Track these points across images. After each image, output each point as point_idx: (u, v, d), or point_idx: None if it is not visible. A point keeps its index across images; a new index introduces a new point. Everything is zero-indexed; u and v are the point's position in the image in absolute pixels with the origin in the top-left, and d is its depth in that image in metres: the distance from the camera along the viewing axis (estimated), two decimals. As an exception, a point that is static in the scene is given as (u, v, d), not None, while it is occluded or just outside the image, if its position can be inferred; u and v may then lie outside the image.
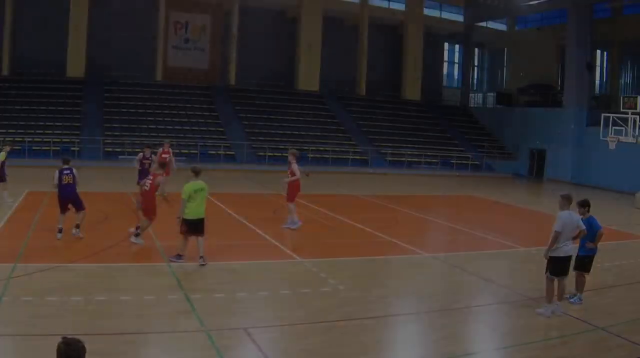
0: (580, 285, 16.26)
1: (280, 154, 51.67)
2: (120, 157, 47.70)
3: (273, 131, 57.25)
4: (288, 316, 14.10)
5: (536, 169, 63.00)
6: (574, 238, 15.47)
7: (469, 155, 62.28)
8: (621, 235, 28.08)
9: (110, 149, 48.87)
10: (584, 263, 16.27)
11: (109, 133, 50.48)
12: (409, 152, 58.98)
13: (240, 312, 14.26)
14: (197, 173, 19.10)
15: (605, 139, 41.03)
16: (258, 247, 21.46)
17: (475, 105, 79.83)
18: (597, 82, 70.82)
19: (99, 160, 46.11)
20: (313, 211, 29.97)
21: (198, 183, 18.91)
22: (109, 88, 56.58)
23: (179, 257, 18.25)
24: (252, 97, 61.31)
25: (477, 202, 39.41)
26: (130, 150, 47.90)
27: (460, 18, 75.64)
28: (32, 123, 49.58)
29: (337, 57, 68.36)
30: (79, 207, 20.67)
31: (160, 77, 59.52)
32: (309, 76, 65.04)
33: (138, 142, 48.10)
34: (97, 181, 35.67)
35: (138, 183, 25.78)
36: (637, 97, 41.70)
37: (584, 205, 16.05)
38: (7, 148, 29.24)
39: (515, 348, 13.07)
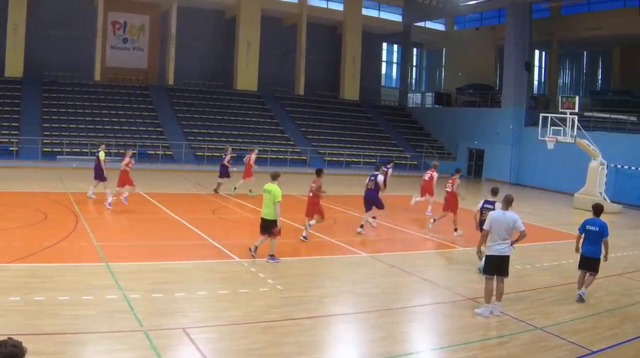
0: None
1: (218, 154, 51.65)
2: (58, 157, 47.26)
3: (212, 131, 57.17)
4: (227, 316, 14.10)
5: (475, 169, 63.49)
6: (516, 240, 15.68)
7: (408, 155, 62.67)
8: (560, 235, 28.45)
9: (49, 149, 48.31)
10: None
11: (48, 133, 49.92)
12: (347, 152, 59.22)
13: (178, 311, 14.22)
14: (272, 177, 20.77)
15: (544, 138, 41.26)
16: (197, 247, 21.42)
17: (414, 105, 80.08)
18: (536, 82, 71.84)
19: (37, 160, 45.58)
20: (252, 211, 29.98)
21: (265, 185, 20.57)
22: (47, 88, 56.01)
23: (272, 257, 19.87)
24: (191, 97, 61.23)
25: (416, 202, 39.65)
26: (68, 150, 47.64)
27: (398, 18, 75.97)
28: (-30, 123, 48.89)
29: (276, 56, 68.72)
30: None
31: (99, 77, 59.02)
32: (247, 76, 64.92)
33: (76, 142, 47.86)
34: (35, 181, 35.44)
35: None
36: (575, 97, 42.03)
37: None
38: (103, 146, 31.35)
39: (454, 349, 13.18)
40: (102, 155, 30.53)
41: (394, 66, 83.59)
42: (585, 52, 68.74)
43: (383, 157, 58.66)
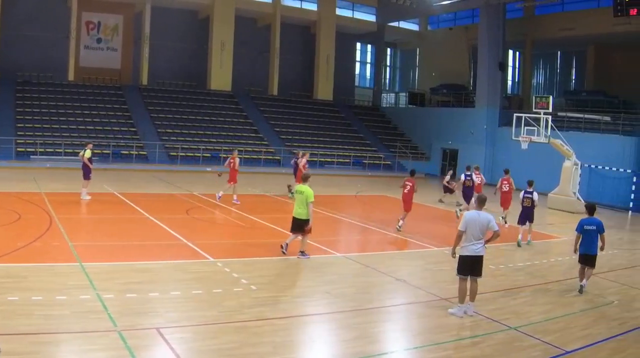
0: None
1: (192, 154, 51.66)
2: (32, 157, 47.03)
3: (185, 131, 57.07)
4: (200, 316, 14.08)
5: (448, 169, 63.65)
6: (489, 240, 15.81)
7: (381, 155, 62.80)
8: (534, 235, 28.55)
9: (22, 149, 47.96)
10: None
11: (22, 133, 49.59)
12: (321, 152, 59.21)
13: (152, 311, 14.17)
14: (303, 179, 22.31)
15: (518, 139, 41.31)
16: (171, 247, 21.32)
17: (388, 105, 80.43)
18: (510, 82, 71.98)
19: (11, 160, 45.29)
20: (226, 211, 30.05)
21: (297, 186, 22.17)
22: (21, 88, 55.61)
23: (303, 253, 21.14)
24: (165, 97, 61.04)
25: (389, 201, 39.63)
26: (42, 150, 47.44)
27: (372, 18, 76.01)
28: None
29: (250, 56, 68.59)
30: None
31: (73, 77, 58.69)
32: (221, 76, 64.80)
33: (50, 142, 47.68)
34: (9, 181, 35.33)
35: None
36: (549, 97, 42.09)
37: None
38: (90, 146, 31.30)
39: (427, 348, 13.19)
40: (87, 153, 30.50)
41: (368, 66, 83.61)
42: (559, 52, 68.82)
43: (356, 158, 58.89)
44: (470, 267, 15.42)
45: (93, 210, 28.38)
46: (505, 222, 31.08)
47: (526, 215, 26.97)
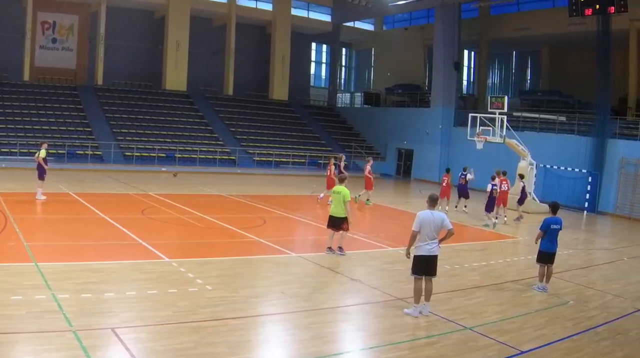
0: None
1: (147, 154, 51.53)
2: (-13, 157, 46.76)
3: (141, 131, 56.83)
4: (155, 316, 14.04)
5: (404, 169, 63.92)
6: (443, 239, 15.84)
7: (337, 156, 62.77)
8: (489, 235, 28.81)
9: (-24, 149, 47.68)
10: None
11: (-24, 133, 49.31)
12: (276, 152, 59.25)
13: (107, 311, 14.12)
14: (340, 180, 23.03)
15: (473, 138, 41.46)
16: (126, 247, 21.29)
17: (343, 105, 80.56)
18: (465, 82, 72.29)
19: (-35, 161, 45.00)
20: (181, 211, 30.01)
21: (335, 187, 23.02)
22: (-25, 88, 55.25)
23: (330, 249, 22.47)
24: (120, 97, 60.68)
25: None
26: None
27: (328, 18, 76.11)
28: None
29: (205, 57, 68.40)
30: None
31: (28, 77, 58.11)
32: (176, 76, 64.58)
33: (5, 142, 47.36)
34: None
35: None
36: (504, 96, 42.36)
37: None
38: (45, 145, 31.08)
39: (383, 349, 13.25)
40: (42, 153, 30.41)
41: (323, 66, 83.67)
42: (514, 52, 69.23)
43: (312, 158, 59.01)
44: (425, 266, 15.48)
45: (49, 210, 28.28)
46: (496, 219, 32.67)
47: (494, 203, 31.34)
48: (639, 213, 42.25)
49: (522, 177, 36.34)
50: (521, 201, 35.81)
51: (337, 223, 22.13)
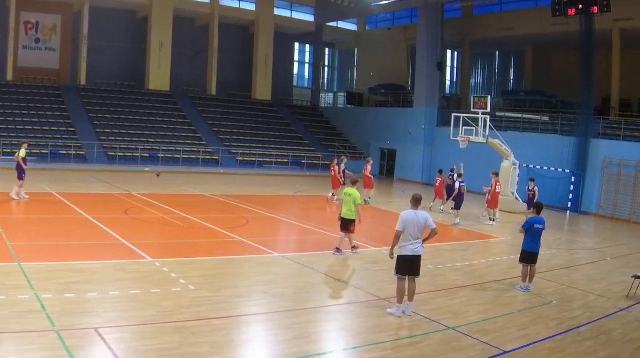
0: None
1: (130, 154, 51.45)
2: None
3: (124, 131, 56.69)
4: (139, 316, 14.00)
5: (387, 169, 63.95)
6: (427, 238, 15.84)
7: (320, 155, 62.87)
8: (472, 235, 28.86)
9: (-41, 149, 47.46)
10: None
11: (-41, 133, 49.10)
12: (259, 152, 59.26)
13: (91, 311, 14.08)
14: (352, 182, 24.19)
15: (456, 139, 41.34)
16: (109, 247, 21.23)
17: (326, 105, 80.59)
18: (448, 82, 72.44)
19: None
20: (164, 211, 29.98)
21: (346, 189, 23.59)
22: (-42, 88, 55.02)
23: (338, 250, 22.82)
24: (103, 97, 60.48)
25: (327, 201, 39.86)
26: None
27: (311, 18, 76.19)
28: None
29: (188, 57, 68.47)
30: None
31: (11, 77, 57.87)
32: (159, 76, 64.49)
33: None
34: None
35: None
36: (487, 97, 42.27)
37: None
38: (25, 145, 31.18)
39: (366, 348, 13.24)
40: (22, 153, 30.33)
41: (306, 66, 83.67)
42: (497, 52, 69.34)
43: (295, 158, 59.09)
44: (408, 266, 15.48)
45: (32, 210, 28.20)
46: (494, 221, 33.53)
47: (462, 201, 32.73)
48: (622, 213, 42.37)
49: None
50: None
51: (348, 225, 22.68)
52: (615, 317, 17.12)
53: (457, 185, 33.48)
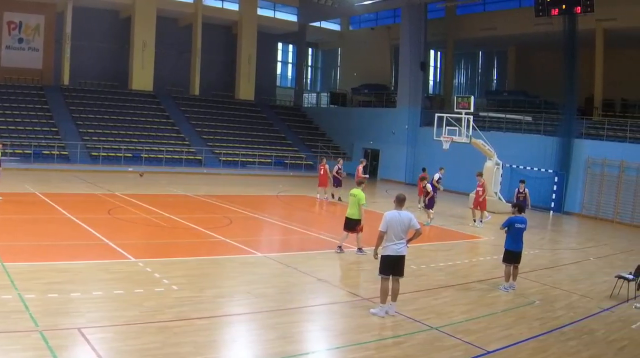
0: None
1: (114, 154, 51.34)
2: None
3: (107, 131, 56.52)
4: (122, 316, 13.97)
5: (370, 169, 63.96)
6: (411, 239, 15.90)
7: (303, 156, 62.93)
8: (455, 235, 28.93)
9: (-58, 150, 47.26)
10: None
11: (-58, 133, 48.86)
12: (242, 152, 59.22)
13: (74, 311, 14.05)
14: (357, 183, 24.77)
15: (439, 139, 41.26)
16: (92, 247, 21.19)
17: (309, 105, 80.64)
18: (431, 82, 72.53)
19: None
20: (147, 211, 29.94)
21: (352, 190, 23.85)
22: (-59, 88, 54.77)
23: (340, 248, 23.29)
24: (86, 97, 60.29)
25: (311, 201, 39.84)
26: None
27: (294, 18, 76.25)
28: None
29: (171, 57, 68.34)
30: None
31: (-5, 77, 58.04)
32: (142, 76, 64.36)
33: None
34: None
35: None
36: (470, 97, 42.13)
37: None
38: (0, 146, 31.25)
39: (349, 348, 13.26)
40: None
41: (289, 66, 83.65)
42: (480, 52, 69.52)
43: (278, 158, 59.08)
44: (392, 266, 15.48)
45: (15, 210, 28.00)
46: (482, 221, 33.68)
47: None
48: (605, 213, 42.51)
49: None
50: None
51: (352, 225, 23.10)
52: (598, 317, 17.18)
53: (429, 187, 33.62)
